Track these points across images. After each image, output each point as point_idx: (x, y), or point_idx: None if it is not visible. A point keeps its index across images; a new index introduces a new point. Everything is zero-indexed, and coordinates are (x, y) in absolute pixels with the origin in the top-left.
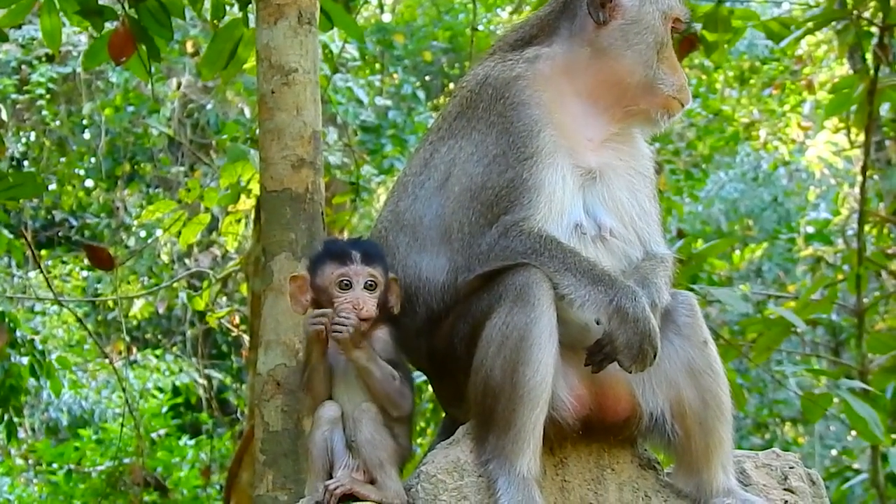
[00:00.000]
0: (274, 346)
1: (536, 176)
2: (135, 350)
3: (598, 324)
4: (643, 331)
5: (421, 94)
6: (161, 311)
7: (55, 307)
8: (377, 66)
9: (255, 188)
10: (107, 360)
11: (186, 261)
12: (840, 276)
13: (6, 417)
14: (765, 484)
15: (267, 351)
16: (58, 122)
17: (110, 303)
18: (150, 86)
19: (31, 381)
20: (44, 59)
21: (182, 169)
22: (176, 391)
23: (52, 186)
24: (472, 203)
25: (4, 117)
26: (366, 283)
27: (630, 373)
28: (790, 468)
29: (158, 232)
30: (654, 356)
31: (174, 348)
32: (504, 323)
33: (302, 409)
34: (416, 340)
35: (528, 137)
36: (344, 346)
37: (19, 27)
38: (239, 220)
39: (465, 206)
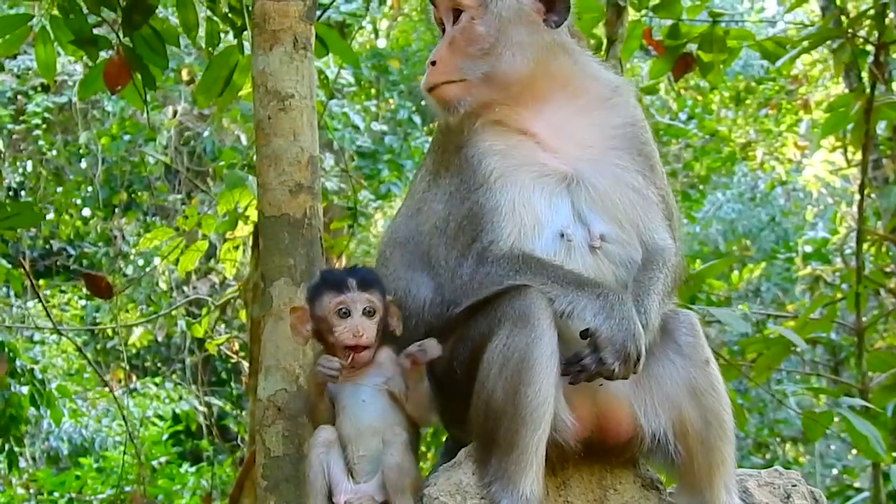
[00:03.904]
0: (274, 371)
1: (491, 200)
2: (134, 378)
3: (583, 337)
4: (627, 329)
5: (417, 119)
6: (160, 338)
7: (54, 336)
8: (373, 91)
9: (253, 214)
10: (106, 389)
11: (185, 288)
12: (839, 295)
13: (7, 447)
14: (767, 503)
15: (267, 376)
16: (54, 152)
17: (109, 331)
18: (145, 114)
19: (32, 411)
20: (39, 88)
21: (179, 196)
22: (176, 418)
23: (50, 216)
24: (441, 238)
25: (1, 147)
26: (364, 309)
27: (614, 376)
28: (793, 486)
29: (156, 260)
30: (639, 360)
31: (174, 376)
32: (505, 345)
33: (304, 436)
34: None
35: (473, 170)
36: (413, 376)
37: (14, 57)
38: (237, 247)
39: (436, 244)
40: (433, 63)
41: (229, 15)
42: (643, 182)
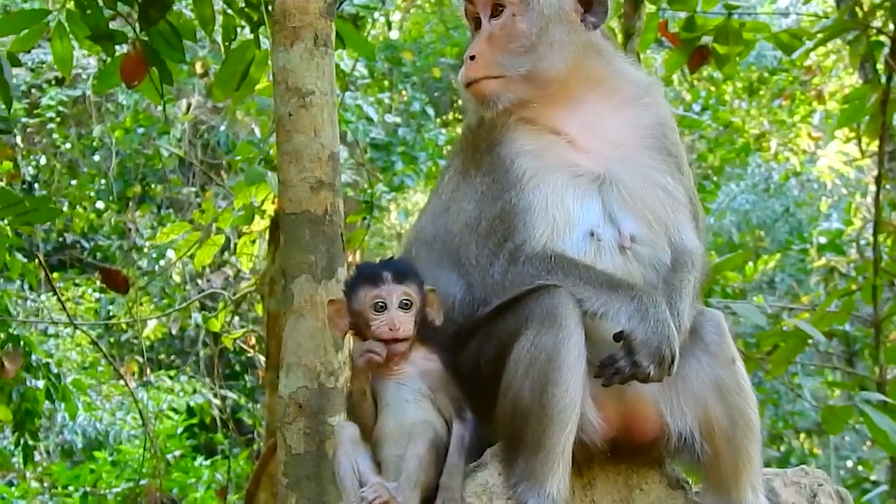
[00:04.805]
0: (295, 368)
1: (524, 199)
2: (148, 371)
3: (616, 340)
4: (662, 332)
5: (430, 111)
6: (174, 331)
7: (69, 330)
8: (386, 83)
9: (269, 208)
10: (121, 382)
11: (199, 281)
12: (854, 287)
13: (22, 440)
14: (794, 502)
15: (288, 373)
16: (68, 145)
17: (123, 324)
18: (160, 107)
19: (47, 404)
20: (53, 82)
21: (193, 190)
22: (190, 412)
23: (64, 209)
24: (472, 236)
25: (18, 141)
26: (400, 302)
27: (649, 378)
28: (819, 486)
29: (170, 253)
30: (673, 362)
31: (188, 369)
32: (532, 344)
33: (326, 433)
34: (443, 356)
35: (506, 170)
36: None
37: (28, 51)
38: (253, 241)
39: (467, 242)
40: (472, 57)
41: (245, 9)
42: (673, 182)
